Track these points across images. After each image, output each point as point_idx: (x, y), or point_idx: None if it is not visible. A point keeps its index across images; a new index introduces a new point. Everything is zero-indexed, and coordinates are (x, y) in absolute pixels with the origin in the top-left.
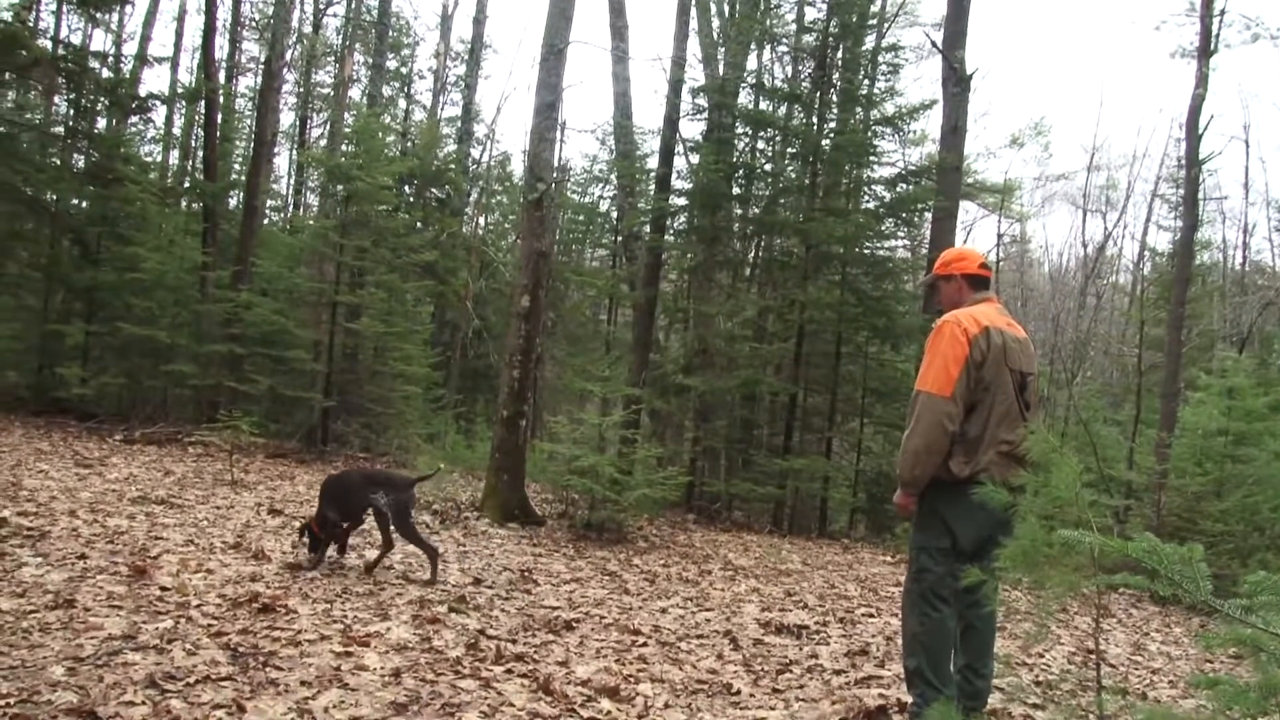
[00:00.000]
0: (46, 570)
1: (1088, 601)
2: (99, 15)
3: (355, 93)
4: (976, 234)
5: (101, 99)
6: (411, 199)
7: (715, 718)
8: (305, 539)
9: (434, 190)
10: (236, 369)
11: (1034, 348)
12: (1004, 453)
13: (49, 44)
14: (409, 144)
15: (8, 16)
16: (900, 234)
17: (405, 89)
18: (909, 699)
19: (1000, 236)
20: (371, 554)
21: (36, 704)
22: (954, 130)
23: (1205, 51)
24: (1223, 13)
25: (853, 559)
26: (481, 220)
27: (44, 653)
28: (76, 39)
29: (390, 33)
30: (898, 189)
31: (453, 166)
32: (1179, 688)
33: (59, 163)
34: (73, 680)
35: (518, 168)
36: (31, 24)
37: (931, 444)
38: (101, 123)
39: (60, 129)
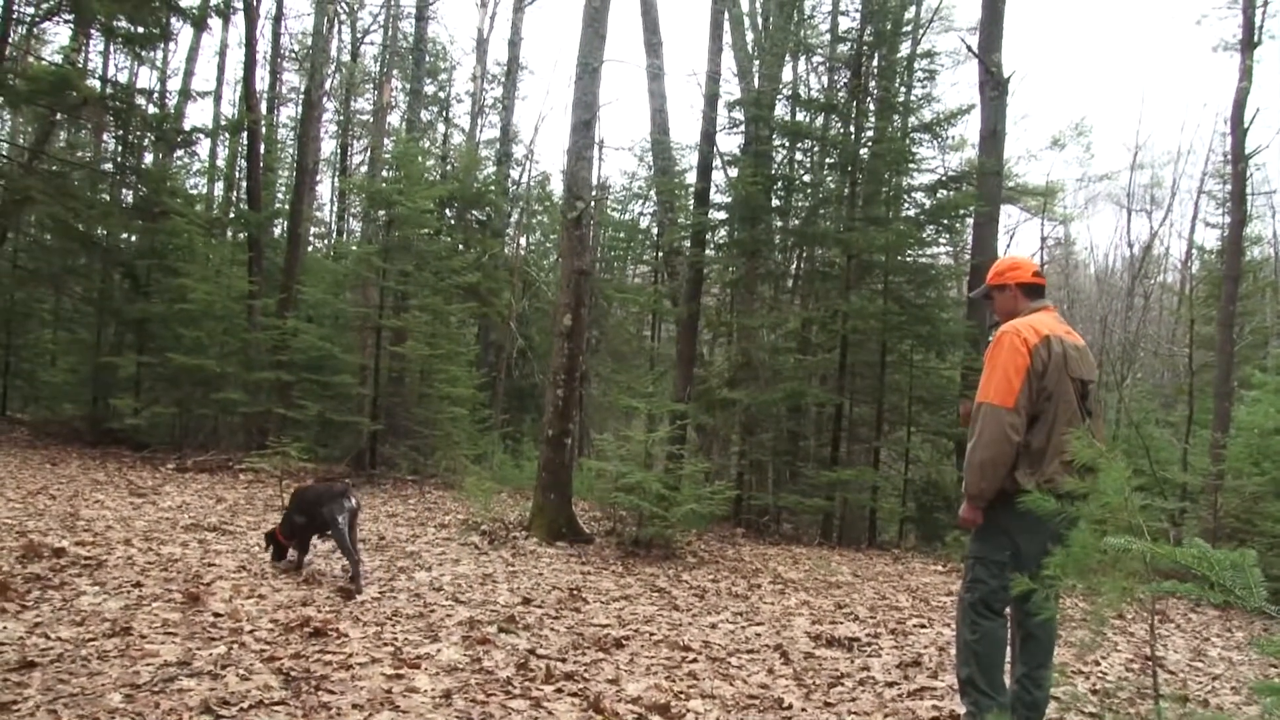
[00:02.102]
0: (104, 598)
1: (1144, 607)
2: (144, 53)
3: (394, 118)
4: (1019, 238)
5: (148, 135)
6: (453, 222)
7: None
8: (269, 545)
9: (475, 212)
10: (284, 395)
11: (1092, 355)
12: (1067, 462)
13: (97, 83)
14: (449, 167)
15: (59, 59)
16: (942, 241)
17: (443, 113)
18: (962, 709)
19: (1044, 239)
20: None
21: None
22: (993, 134)
23: (1248, 44)
24: (1265, 4)
25: (903, 569)
26: (523, 240)
27: (102, 680)
28: (123, 77)
29: (427, 58)
30: (938, 195)
31: (493, 188)
32: (1242, 694)
33: (108, 198)
34: (130, 707)
35: (557, 187)
36: (80, 64)
37: (997, 456)
38: (148, 158)
39: (109, 165)
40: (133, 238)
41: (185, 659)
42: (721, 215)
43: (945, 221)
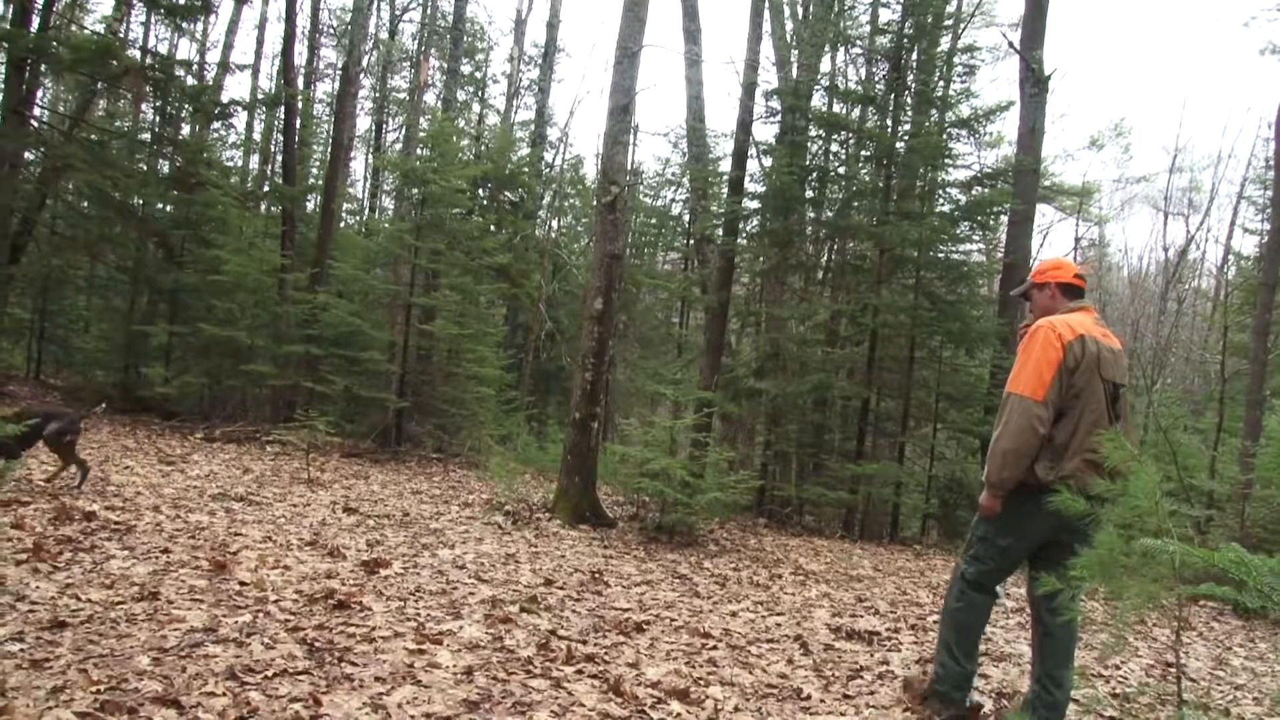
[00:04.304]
0: (132, 563)
1: (1167, 613)
2: (184, 25)
3: (430, 97)
4: (1054, 237)
5: (186, 106)
6: (485, 202)
7: None
8: None
9: (507, 193)
10: (313, 369)
11: (1126, 359)
12: (1089, 461)
13: (138, 54)
14: (483, 148)
15: (100, 28)
16: (975, 238)
17: (479, 93)
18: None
19: (1078, 240)
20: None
21: (125, 691)
22: (1031, 132)
23: None
24: None
25: (924, 565)
26: (554, 223)
27: (131, 643)
28: (163, 48)
29: (465, 38)
30: (973, 192)
31: (526, 170)
32: (1264, 705)
33: (146, 168)
34: (158, 670)
35: (590, 171)
36: (122, 34)
37: (1021, 446)
38: (186, 129)
39: (147, 135)
40: (168, 208)
41: (211, 625)
42: (754, 204)
43: (980, 218)
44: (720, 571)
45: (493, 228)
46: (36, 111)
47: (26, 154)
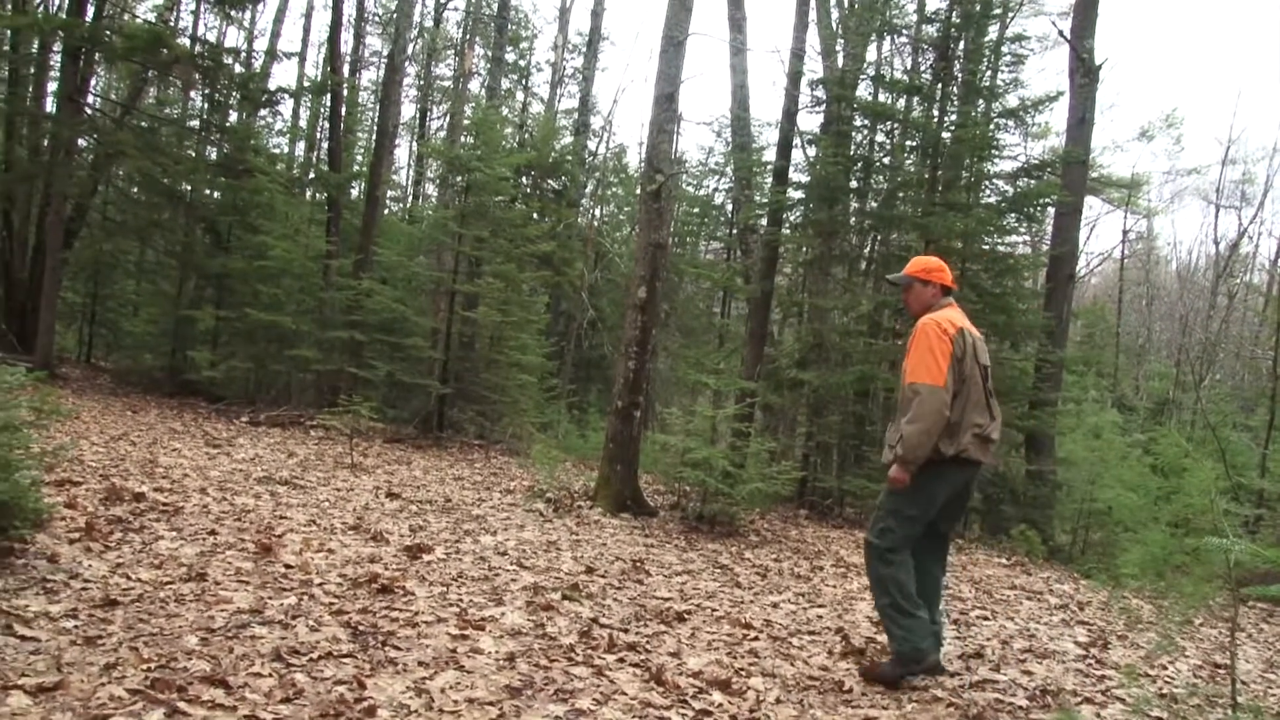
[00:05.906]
0: (180, 544)
1: (1215, 613)
2: (233, 13)
3: (474, 85)
4: (1100, 230)
5: (234, 93)
6: (529, 190)
7: (827, 715)
8: None
9: (551, 181)
10: (357, 355)
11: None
12: (976, 434)
13: (188, 42)
14: (526, 136)
15: (152, 17)
16: (1022, 230)
17: (523, 81)
18: (887, 639)
19: (1126, 233)
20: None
21: (174, 670)
22: (1081, 123)
23: None
24: None
25: (966, 560)
26: (597, 212)
27: (179, 622)
28: (212, 36)
29: (509, 26)
30: (1020, 183)
31: (569, 158)
32: None
33: (194, 155)
34: (206, 650)
35: (633, 160)
36: (172, 24)
37: (932, 428)
38: (234, 116)
39: (196, 123)
40: (216, 194)
41: (257, 607)
42: (799, 194)
43: (1027, 210)
44: (761, 562)
45: (536, 215)
46: (90, 99)
47: (80, 141)
